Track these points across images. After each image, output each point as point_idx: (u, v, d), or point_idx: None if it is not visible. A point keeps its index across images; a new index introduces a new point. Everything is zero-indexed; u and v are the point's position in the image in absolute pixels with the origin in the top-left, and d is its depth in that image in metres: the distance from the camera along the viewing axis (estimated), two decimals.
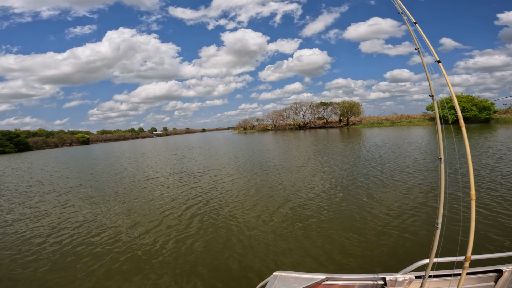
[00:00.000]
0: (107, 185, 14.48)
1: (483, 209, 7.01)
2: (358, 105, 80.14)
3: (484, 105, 51.56)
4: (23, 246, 6.93)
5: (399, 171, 12.33)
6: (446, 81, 2.13)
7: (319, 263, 5.13)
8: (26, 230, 8.13)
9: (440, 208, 2.30)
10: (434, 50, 2.19)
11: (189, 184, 12.97)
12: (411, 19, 2.34)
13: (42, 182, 17.25)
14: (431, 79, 2.30)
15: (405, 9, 2.37)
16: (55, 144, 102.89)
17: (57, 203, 11.23)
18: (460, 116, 2.14)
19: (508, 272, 2.50)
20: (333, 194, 9.40)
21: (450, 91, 2.15)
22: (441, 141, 2.29)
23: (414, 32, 2.32)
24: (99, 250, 6.36)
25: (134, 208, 9.53)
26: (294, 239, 6.17)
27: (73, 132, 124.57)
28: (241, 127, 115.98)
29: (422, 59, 2.26)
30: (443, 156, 2.28)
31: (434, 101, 2.30)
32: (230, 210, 8.57)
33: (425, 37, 2.25)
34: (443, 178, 2.28)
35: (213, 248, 6.04)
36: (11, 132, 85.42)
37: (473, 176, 2.10)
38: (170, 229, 7.36)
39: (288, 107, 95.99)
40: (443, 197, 2.28)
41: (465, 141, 2.12)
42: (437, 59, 2.19)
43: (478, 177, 9.98)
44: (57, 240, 7.17)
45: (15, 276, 5.44)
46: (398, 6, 2.37)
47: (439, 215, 2.31)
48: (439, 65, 2.18)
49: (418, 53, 2.29)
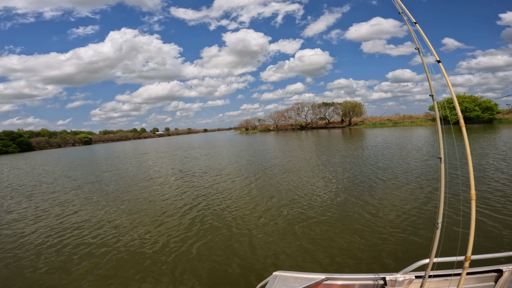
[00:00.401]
0: (108, 185, 14.54)
1: (488, 210, 7.00)
2: (360, 105, 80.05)
3: (487, 105, 51.31)
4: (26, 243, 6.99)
5: (400, 171, 12.30)
6: (447, 81, 2.13)
7: (319, 264, 5.13)
8: (27, 228, 8.19)
9: (440, 208, 2.30)
10: (434, 50, 2.19)
11: (189, 184, 13.00)
12: (411, 19, 2.35)
13: (51, 183, 17.36)
14: (432, 79, 2.30)
15: (405, 9, 2.37)
16: (57, 144, 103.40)
17: (58, 202, 11.30)
18: (460, 116, 2.14)
19: (508, 272, 2.50)
20: (335, 194, 9.39)
21: (450, 91, 2.14)
22: (441, 141, 2.29)
23: (415, 32, 2.33)
24: (98, 250, 6.39)
25: (135, 208, 9.57)
26: (295, 239, 6.17)
27: (75, 132, 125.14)
28: (243, 127, 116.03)
29: (422, 59, 2.26)
30: (443, 156, 2.28)
31: (434, 101, 2.30)
32: (230, 210, 8.58)
33: (425, 37, 2.26)
34: (443, 178, 2.29)
35: (213, 248, 6.05)
36: (14, 132, 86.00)
37: (473, 176, 2.10)
38: (171, 229, 7.39)
39: (290, 107, 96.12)
40: (443, 197, 2.28)
41: (465, 141, 2.12)
42: (437, 59, 2.20)
43: (484, 178, 9.96)
44: (58, 240, 7.22)
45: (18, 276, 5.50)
46: (398, 6, 2.38)
47: (439, 215, 2.32)
48: (439, 65, 2.18)
49: (419, 53, 2.29)
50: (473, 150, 16.99)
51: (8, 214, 10.14)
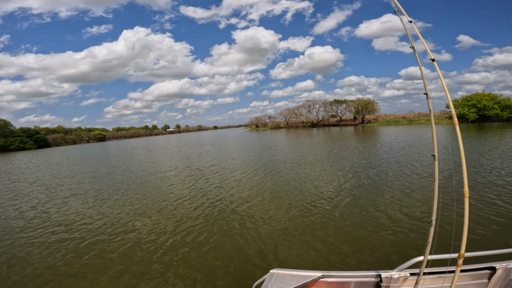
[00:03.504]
0: (123, 182, 14.95)
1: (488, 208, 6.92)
2: (374, 102, 78.36)
3: (506, 103, 49.54)
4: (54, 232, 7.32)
5: (410, 169, 12.13)
6: (441, 79, 2.14)
7: (326, 260, 5.18)
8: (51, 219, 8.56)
9: (434, 205, 2.32)
10: (429, 49, 2.20)
11: (200, 180, 13.22)
12: (407, 17, 2.36)
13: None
14: (428, 77, 2.30)
15: (400, 7, 2.38)
16: (73, 141, 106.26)
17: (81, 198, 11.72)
18: (454, 114, 2.15)
19: (501, 269, 2.49)
20: (345, 192, 9.39)
21: (444, 90, 2.15)
22: (435, 139, 2.31)
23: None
24: (108, 246, 6.63)
25: (149, 204, 9.84)
26: (301, 237, 6.24)
27: (90, 129, 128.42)
28: (253, 124, 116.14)
29: (417, 57, 2.28)
30: (437, 154, 2.29)
31: (428, 99, 2.31)
32: (239, 206, 8.72)
33: (420, 35, 2.27)
34: (437, 175, 2.30)
35: (221, 244, 6.19)
36: (31, 129, 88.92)
37: (467, 173, 2.11)
38: (181, 225, 7.58)
39: (301, 104, 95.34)
40: (437, 195, 2.30)
41: (458, 138, 2.13)
42: (432, 58, 2.20)
43: (492, 178, 9.73)
44: (72, 236, 7.52)
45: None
46: (394, 4, 2.39)
47: (433, 213, 2.33)
48: (434, 63, 2.19)
49: (414, 52, 2.30)
50: (494, 150, 16.52)
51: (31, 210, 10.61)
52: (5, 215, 9.62)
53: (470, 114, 50.22)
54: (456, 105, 54.07)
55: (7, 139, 76.31)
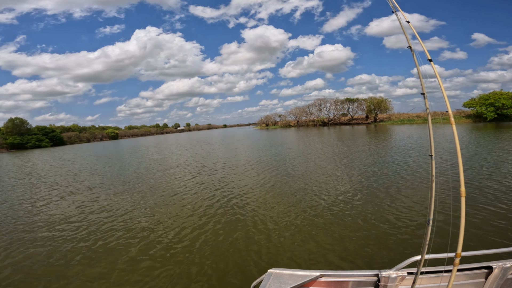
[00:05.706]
0: (132, 179, 15.32)
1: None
2: (387, 101, 76.73)
3: None
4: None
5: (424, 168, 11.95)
6: (437, 78, 2.14)
7: (327, 260, 5.21)
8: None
9: (431, 205, 2.32)
10: (426, 49, 2.21)
11: (210, 178, 13.40)
12: (404, 17, 2.36)
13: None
14: (424, 77, 2.31)
15: (398, 7, 2.38)
16: (87, 139, 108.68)
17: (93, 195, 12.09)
18: (451, 114, 2.15)
19: (498, 269, 2.47)
20: (354, 195, 9.35)
21: (441, 90, 2.16)
22: (432, 139, 2.31)
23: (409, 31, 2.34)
24: (119, 241, 6.84)
25: (159, 202, 10.08)
26: (300, 236, 6.29)
27: (103, 127, 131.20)
28: (263, 123, 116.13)
29: (414, 58, 2.28)
30: (434, 154, 2.29)
31: (425, 99, 2.31)
32: (247, 204, 8.82)
33: (417, 35, 2.27)
34: (434, 175, 2.30)
35: (225, 241, 6.31)
36: (47, 128, 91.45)
37: (463, 172, 2.11)
38: (190, 221, 7.75)
39: (312, 103, 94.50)
40: (434, 194, 2.30)
41: (455, 138, 2.14)
42: (429, 58, 2.21)
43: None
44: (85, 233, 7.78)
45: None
46: (391, 4, 2.39)
47: (430, 212, 2.33)
48: (431, 63, 2.19)
49: (411, 52, 2.31)
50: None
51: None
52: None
53: (488, 113, 48.70)
54: (473, 104, 52.75)
55: (24, 137, 78.68)
